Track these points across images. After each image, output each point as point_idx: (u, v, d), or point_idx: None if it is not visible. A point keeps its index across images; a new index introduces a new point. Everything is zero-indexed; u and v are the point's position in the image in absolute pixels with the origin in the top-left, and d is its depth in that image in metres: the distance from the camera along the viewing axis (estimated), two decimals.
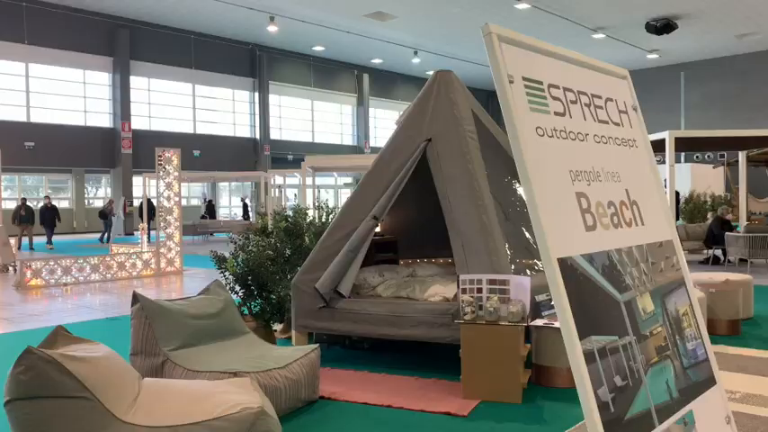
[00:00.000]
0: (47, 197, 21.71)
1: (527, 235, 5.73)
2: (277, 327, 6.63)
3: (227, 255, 6.35)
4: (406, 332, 5.24)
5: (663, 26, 30.16)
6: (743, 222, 14.36)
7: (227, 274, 6.21)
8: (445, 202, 5.43)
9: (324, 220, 7.23)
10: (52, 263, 11.96)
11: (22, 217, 19.62)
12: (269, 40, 31.98)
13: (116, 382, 3.24)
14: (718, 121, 34.65)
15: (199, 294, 5.05)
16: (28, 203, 20.49)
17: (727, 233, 12.11)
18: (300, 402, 4.41)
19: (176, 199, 13.35)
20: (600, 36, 31.63)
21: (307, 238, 6.72)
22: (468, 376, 4.56)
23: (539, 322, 4.86)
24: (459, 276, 4.86)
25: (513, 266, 5.15)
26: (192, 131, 30.96)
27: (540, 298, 5.10)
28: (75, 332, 3.73)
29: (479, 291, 4.82)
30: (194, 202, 32.09)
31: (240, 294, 6.24)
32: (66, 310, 9.21)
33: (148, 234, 19.59)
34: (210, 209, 27.16)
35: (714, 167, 29.11)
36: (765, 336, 6.49)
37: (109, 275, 12.55)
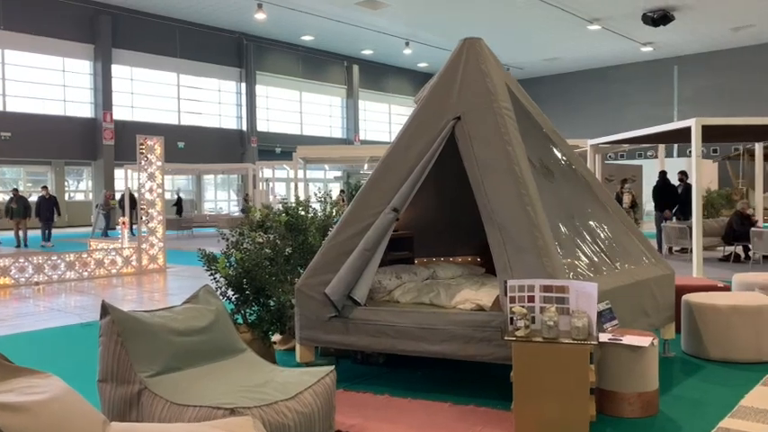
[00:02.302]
0: (44, 187, 19.58)
1: (575, 231, 4.85)
2: (275, 337, 5.71)
3: (217, 253, 5.42)
4: (437, 348, 4.34)
5: (660, 17, 29.49)
6: (761, 217, 13.64)
7: (217, 276, 5.28)
8: (480, 192, 4.54)
9: (328, 213, 6.31)
10: (22, 260, 10.93)
11: (14, 210, 17.78)
12: (256, 29, 30.92)
13: None
14: (711, 116, 34.10)
15: (184, 303, 4.12)
16: (21, 194, 18.78)
17: (752, 229, 11.35)
18: None
19: (159, 191, 12.35)
20: (595, 28, 30.88)
21: (310, 235, 5.80)
22: (523, 405, 3.67)
23: (602, 337, 3.99)
24: (505, 282, 3.97)
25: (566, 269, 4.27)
26: (176, 123, 29.85)
27: (600, 307, 4.23)
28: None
29: (531, 299, 3.93)
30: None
31: (233, 300, 5.32)
32: (36, 314, 8.23)
33: (130, 228, 18.53)
34: (179, 205, 24.98)
35: (714, 162, 28.51)
36: None
37: (86, 274, 11.54)
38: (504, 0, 26.35)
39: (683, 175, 14.45)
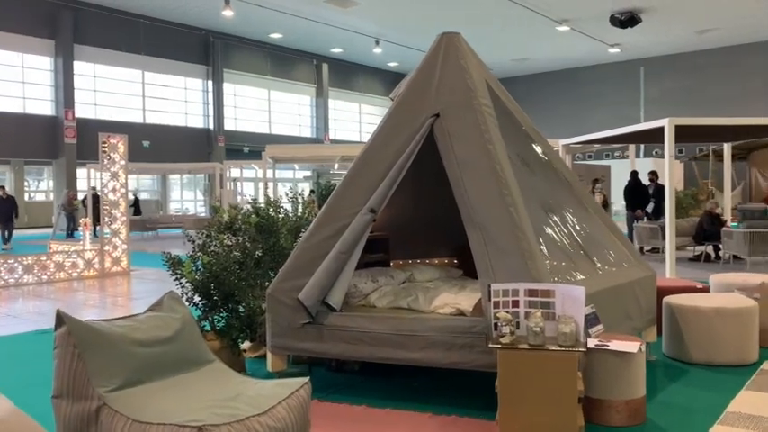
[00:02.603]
0: (1, 187, 18.53)
1: (557, 231, 4.70)
2: (245, 345, 5.46)
3: (183, 256, 5.15)
4: (417, 355, 4.14)
5: (627, 19, 29.80)
6: (729, 217, 13.75)
7: (183, 281, 5.01)
8: (460, 192, 4.36)
9: (300, 214, 6.07)
10: None
11: None
12: (224, 26, 30.38)
13: None
14: (676, 116, 34.60)
15: (147, 311, 3.85)
16: None
17: (724, 229, 11.40)
18: None
19: (123, 191, 11.94)
20: (564, 29, 31.07)
21: (281, 237, 5.56)
22: (508, 415, 3.49)
23: (590, 343, 3.83)
24: (489, 286, 3.79)
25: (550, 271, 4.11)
26: (141, 121, 29.17)
27: (585, 311, 4.08)
28: None
29: (515, 304, 3.76)
30: (144, 195, 30.31)
31: (200, 306, 5.05)
32: None
33: (94, 230, 17.98)
34: (136, 205, 23.78)
35: (680, 162, 28.89)
36: None
37: (45, 277, 11.08)
38: (475, 0, 26.33)
39: (654, 175, 14.52)
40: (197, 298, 5.04)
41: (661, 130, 10.45)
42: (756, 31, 31.59)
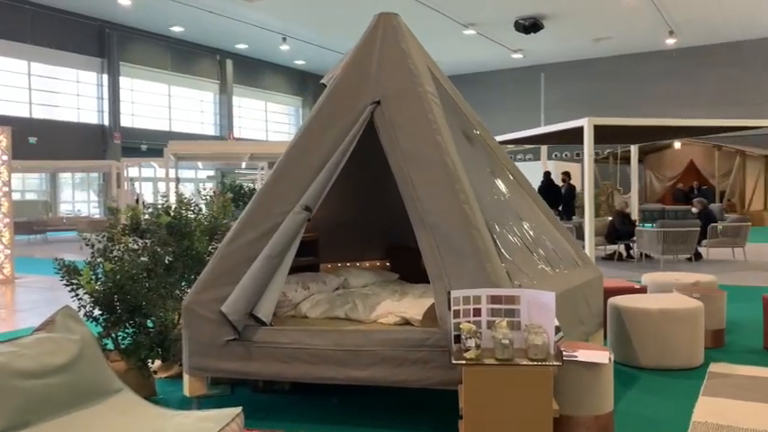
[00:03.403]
0: None
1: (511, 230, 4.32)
2: (156, 364, 4.74)
3: (79, 263, 4.39)
4: (362, 374, 3.63)
5: (531, 25, 30.53)
6: (636, 217, 14.10)
7: (80, 292, 4.26)
8: (407, 188, 3.89)
9: (216, 214, 5.40)
10: None
11: None
12: (120, 17, 28.58)
13: None
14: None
15: (36, 332, 3.12)
16: None
17: (638, 228, 11.60)
18: None
19: (6, 189, 10.68)
20: (470, 33, 31.43)
21: (195, 240, 4.89)
22: None
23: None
24: (449, 293, 3.33)
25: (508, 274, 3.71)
26: (27, 115, 26.88)
27: None
28: None
29: (476, 313, 3.33)
30: (30, 195, 27.99)
31: (101, 322, 4.31)
32: None
33: None
34: None
35: (580, 165, 29.88)
36: (752, 345, 5.58)
37: None
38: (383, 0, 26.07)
39: (567, 175, 14.70)
40: (97, 311, 4.31)
41: (572, 131, 10.50)
42: (648, 41, 33.18)
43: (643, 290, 5.95)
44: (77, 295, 4.26)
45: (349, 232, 5.79)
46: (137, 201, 19.30)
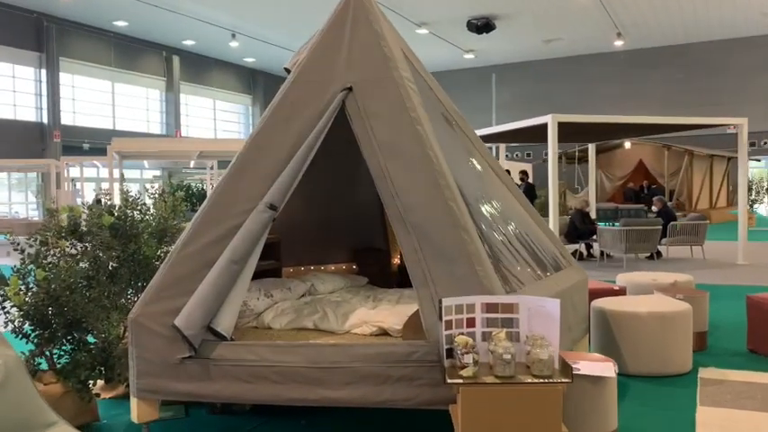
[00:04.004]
0: None
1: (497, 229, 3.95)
2: (97, 385, 4.19)
3: (5, 268, 3.83)
4: (339, 394, 3.19)
5: (483, 25, 30.55)
6: (593, 215, 14.04)
7: (8, 305, 3.69)
8: (385, 184, 3.47)
9: (166, 215, 4.86)
10: None
11: None
12: (60, 10, 27.28)
13: None
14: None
15: None
16: None
17: (600, 227, 11.47)
18: None
19: None
20: (423, 32, 31.24)
21: (143, 243, 4.36)
22: None
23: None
24: (440, 302, 2.92)
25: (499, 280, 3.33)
26: None
27: None
28: None
29: (470, 323, 2.94)
30: None
31: (33, 338, 3.75)
32: None
33: None
34: None
35: (533, 165, 30.03)
36: (735, 348, 5.37)
37: None
38: None
39: (524, 174, 14.53)
40: (28, 327, 3.75)
41: (528, 130, 10.31)
42: (597, 43, 33.64)
43: (622, 291, 5.68)
44: (4, 308, 3.69)
45: (312, 233, 5.34)
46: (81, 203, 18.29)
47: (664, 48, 33.66)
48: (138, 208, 4.44)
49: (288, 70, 4.24)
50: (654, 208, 13.00)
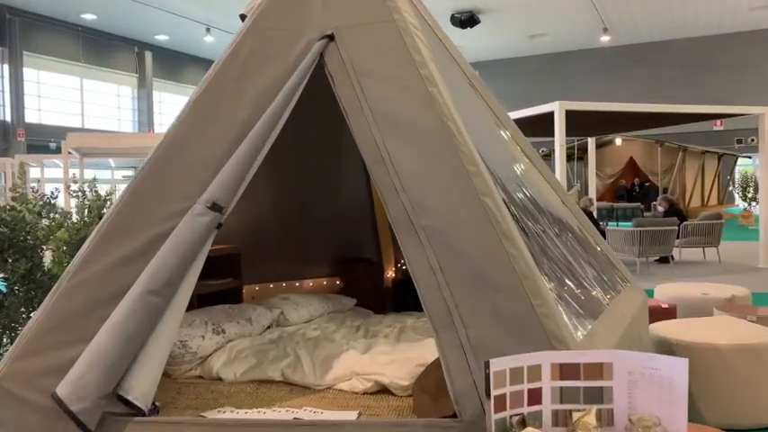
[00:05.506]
0: None
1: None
2: None
3: None
4: None
5: (467, 19, 29.61)
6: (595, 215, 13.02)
7: None
8: (381, 171, 2.30)
9: (90, 221, 3.65)
10: None
11: None
12: (23, 2, 25.88)
13: None
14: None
15: None
16: None
17: (609, 228, 10.42)
18: None
19: None
20: None
21: (49, 257, 3.16)
22: None
23: None
24: (487, 364, 1.76)
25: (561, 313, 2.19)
26: None
27: None
28: None
29: (534, 396, 1.78)
30: None
31: None
32: None
33: None
34: None
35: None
36: None
37: None
38: None
39: None
40: None
41: (525, 121, 9.25)
42: (582, 38, 32.91)
43: (672, 311, 4.56)
44: None
45: (282, 240, 4.15)
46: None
47: (650, 44, 33.05)
48: (39, 210, 3.22)
49: (243, 17, 3.06)
50: (659, 209, 11.95)
